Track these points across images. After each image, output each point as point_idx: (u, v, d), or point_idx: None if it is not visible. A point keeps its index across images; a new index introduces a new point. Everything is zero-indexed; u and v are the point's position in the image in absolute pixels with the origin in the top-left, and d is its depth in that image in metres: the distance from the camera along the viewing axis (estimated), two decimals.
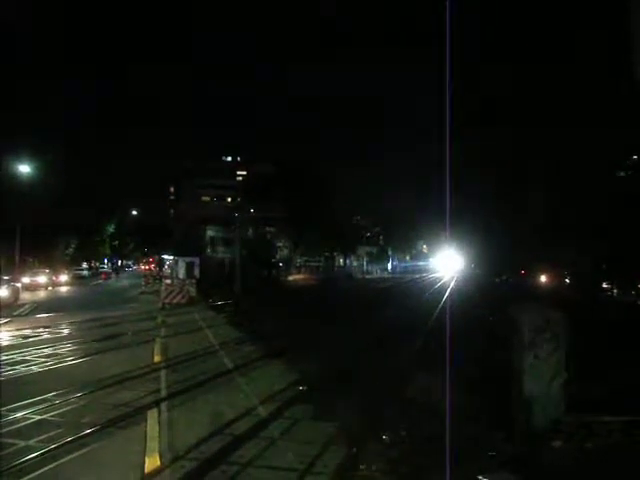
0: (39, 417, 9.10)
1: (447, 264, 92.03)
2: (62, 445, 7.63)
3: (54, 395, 10.36)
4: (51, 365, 13.82)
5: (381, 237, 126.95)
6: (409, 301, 35.26)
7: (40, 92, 61.69)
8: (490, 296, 33.43)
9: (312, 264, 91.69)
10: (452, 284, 51.87)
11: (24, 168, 45.76)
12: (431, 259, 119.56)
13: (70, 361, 14.39)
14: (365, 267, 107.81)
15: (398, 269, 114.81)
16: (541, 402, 7.99)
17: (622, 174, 28.63)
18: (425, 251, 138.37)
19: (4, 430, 8.33)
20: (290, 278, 69.57)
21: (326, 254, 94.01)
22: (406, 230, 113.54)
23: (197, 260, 44.30)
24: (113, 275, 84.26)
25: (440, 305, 28.56)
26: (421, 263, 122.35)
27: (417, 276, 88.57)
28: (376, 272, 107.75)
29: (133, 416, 9.18)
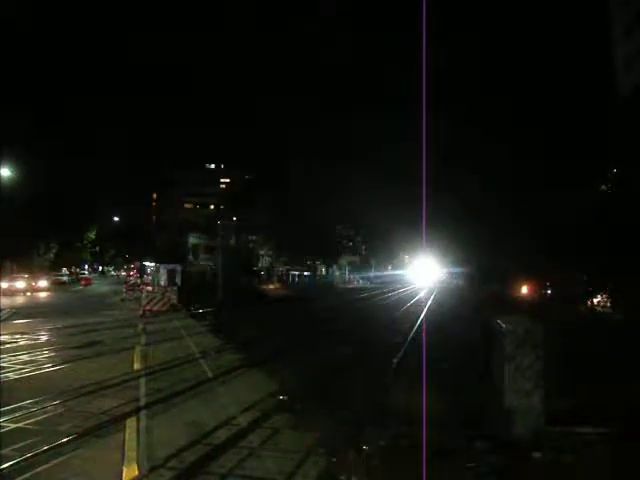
0: (15, 425, 8.97)
1: (427, 274, 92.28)
2: (38, 454, 7.51)
3: (31, 403, 10.22)
4: (28, 372, 13.64)
5: (363, 247, 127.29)
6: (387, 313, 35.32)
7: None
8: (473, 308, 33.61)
9: (294, 273, 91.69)
10: (432, 297, 52.03)
11: (4, 171, 45.26)
12: (411, 269, 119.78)
13: (48, 368, 14.21)
14: (347, 276, 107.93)
15: (379, 279, 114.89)
16: (521, 413, 8.03)
17: (604, 187, 29.02)
18: (407, 261, 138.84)
19: None
20: (271, 287, 69.30)
21: (308, 263, 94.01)
22: (388, 240, 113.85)
23: (179, 267, 44.16)
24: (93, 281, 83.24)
25: (420, 315, 28.65)
26: (400, 272, 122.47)
27: (399, 286, 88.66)
28: (357, 282, 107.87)
29: (111, 424, 9.07)
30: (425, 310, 32.68)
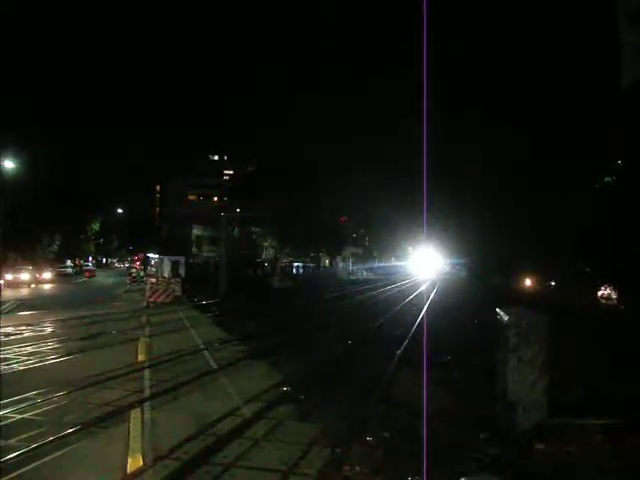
0: (20, 416, 9.00)
1: (430, 266, 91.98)
2: (43, 445, 7.54)
3: (35, 394, 10.25)
4: (33, 363, 13.68)
5: (367, 238, 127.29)
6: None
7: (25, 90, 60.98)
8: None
9: (298, 264, 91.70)
10: (434, 289, 52.01)
11: (9, 164, 45.27)
12: (414, 260, 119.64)
13: (52, 359, 14.25)
14: (350, 268, 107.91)
15: (382, 271, 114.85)
16: (525, 405, 8.04)
17: (607, 179, 28.92)
18: (410, 252, 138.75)
19: None
20: (275, 278, 69.15)
21: (312, 254, 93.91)
22: (391, 231, 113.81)
23: (182, 259, 44.23)
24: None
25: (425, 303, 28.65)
26: (403, 264, 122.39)
27: (401, 278, 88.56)
28: (361, 273, 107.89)
29: (116, 416, 9.10)
30: (427, 303, 32.63)
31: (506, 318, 8.44)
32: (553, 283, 39.55)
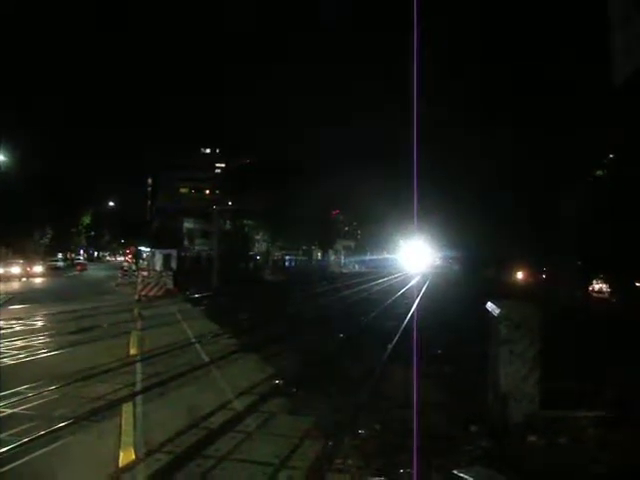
0: (11, 410, 8.97)
1: (422, 259, 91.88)
2: (35, 439, 7.51)
3: (27, 388, 10.21)
4: (24, 357, 13.63)
5: (359, 231, 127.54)
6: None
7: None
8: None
9: (291, 257, 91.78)
10: (425, 283, 52.14)
11: None
12: (405, 253, 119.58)
13: (44, 353, 14.20)
14: (342, 261, 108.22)
15: (374, 264, 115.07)
16: (516, 397, 8.07)
17: (599, 172, 29.04)
18: (402, 245, 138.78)
19: None
20: (267, 271, 69.04)
21: (304, 247, 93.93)
22: (383, 224, 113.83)
23: (174, 252, 44.06)
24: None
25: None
26: (395, 257, 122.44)
27: (392, 271, 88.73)
28: (353, 266, 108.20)
29: (108, 409, 9.08)
30: (419, 296, 32.72)
31: (497, 311, 8.46)
32: (544, 276, 39.66)
